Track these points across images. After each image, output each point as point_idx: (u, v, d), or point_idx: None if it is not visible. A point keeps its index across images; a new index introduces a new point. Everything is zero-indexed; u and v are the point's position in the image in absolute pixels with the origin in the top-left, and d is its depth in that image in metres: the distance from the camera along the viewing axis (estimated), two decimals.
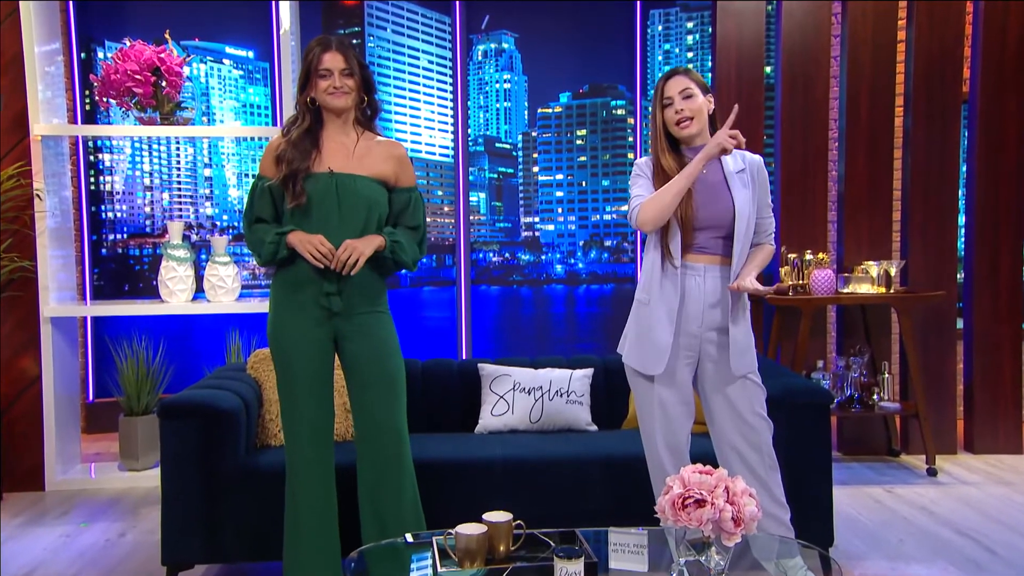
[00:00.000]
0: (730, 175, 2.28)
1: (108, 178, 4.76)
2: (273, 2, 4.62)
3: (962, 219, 4.26)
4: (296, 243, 2.25)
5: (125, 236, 4.78)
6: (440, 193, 5.04)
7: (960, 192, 4.20)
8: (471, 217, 5.00)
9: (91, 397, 4.71)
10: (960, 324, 4.24)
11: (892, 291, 3.87)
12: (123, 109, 3.64)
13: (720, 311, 2.27)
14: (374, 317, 2.36)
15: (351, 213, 2.29)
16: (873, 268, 3.87)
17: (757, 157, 2.36)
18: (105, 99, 3.63)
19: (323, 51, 2.28)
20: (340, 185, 2.28)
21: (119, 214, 4.77)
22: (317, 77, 2.28)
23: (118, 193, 4.77)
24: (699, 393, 2.37)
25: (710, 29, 4.71)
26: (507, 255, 5.11)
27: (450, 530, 1.87)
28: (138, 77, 3.52)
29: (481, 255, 5.06)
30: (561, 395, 3.07)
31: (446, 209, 5.02)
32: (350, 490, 2.45)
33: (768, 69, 4.51)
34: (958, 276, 4.19)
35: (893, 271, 3.88)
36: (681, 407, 2.31)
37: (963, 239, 4.28)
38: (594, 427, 3.10)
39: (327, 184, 2.28)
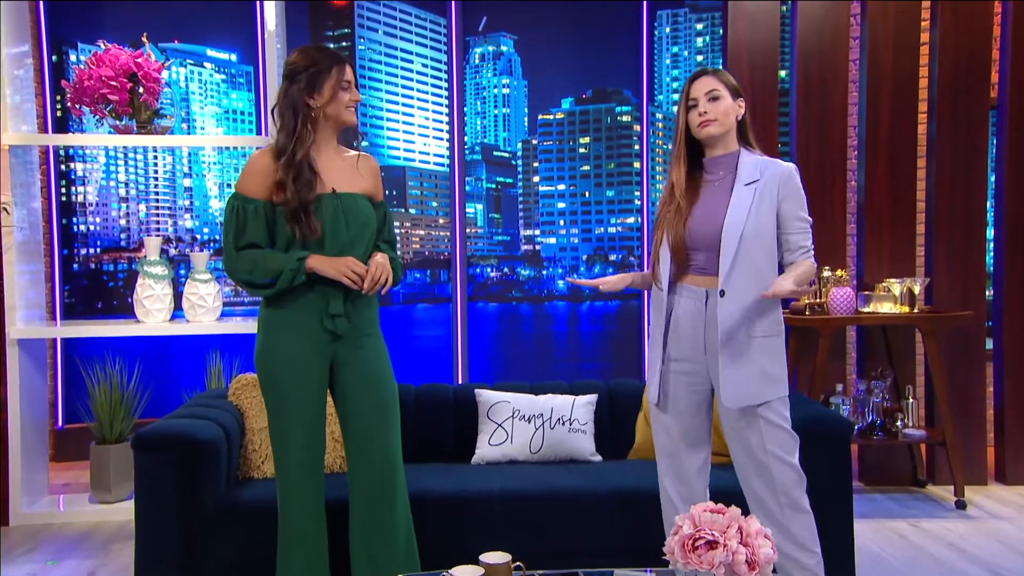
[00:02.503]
0: (738, 187, 2.26)
1: (80, 188, 4.78)
2: (257, 2, 4.66)
3: (990, 233, 4.28)
4: (322, 267, 2.25)
5: (98, 251, 4.79)
6: (435, 204, 5.06)
7: (988, 204, 4.22)
8: (467, 230, 5.02)
9: (60, 423, 4.71)
10: (989, 345, 4.24)
11: (916, 310, 3.88)
12: (97, 117, 3.66)
13: (728, 336, 2.26)
14: (369, 340, 2.39)
15: (357, 233, 2.33)
16: (896, 286, 3.89)
17: (786, 166, 2.30)
18: (78, 106, 3.65)
19: (344, 63, 2.34)
20: (344, 205, 2.32)
21: (92, 227, 4.79)
22: (340, 89, 2.31)
23: (91, 204, 4.79)
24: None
25: (721, 31, 4.74)
26: (506, 270, 5.13)
27: (444, 572, 1.87)
28: (113, 83, 3.54)
29: (478, 270, 5.08)
30: (563, 423, 3.08)
31: (441, 221, 5.03)
32: (338, 524, 2.45)
33: (783, 73, 4.53)
34: (987, 294, 4.20)
35: (917, 289, 3.89)
36: (685, 436, 2.33)
37: (992, 254, 4.29)
38: (598, 457, 3.10)
39: (333, 206, 2.31)
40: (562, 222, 5.12)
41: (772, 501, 2.26)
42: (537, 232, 5.13)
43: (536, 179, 5.11)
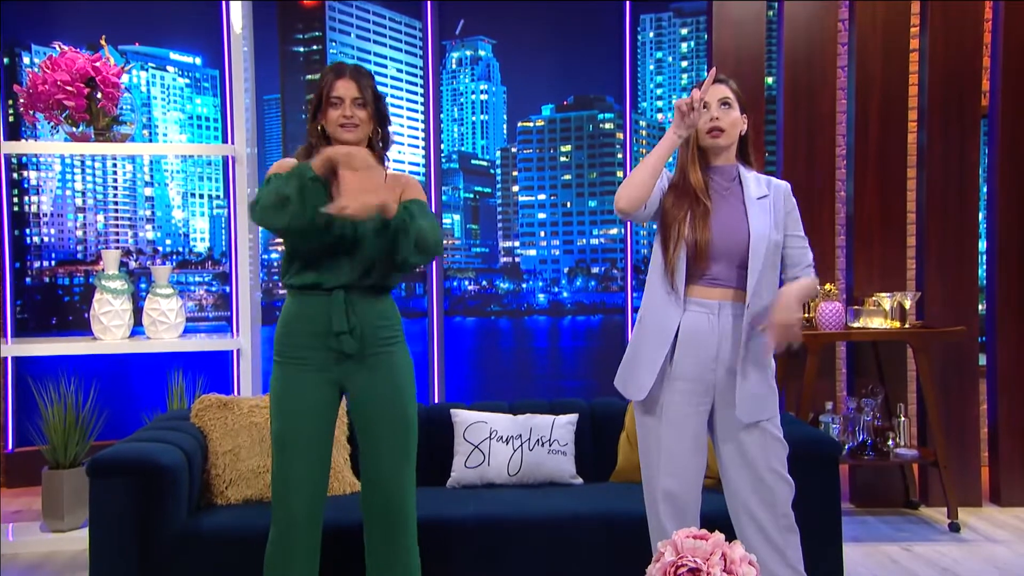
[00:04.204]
0: (750, 200, 2.32)
1: (34, 198, 4.74)
2: (224, 1, 4.65)
3: (983, 245, 4.34)
4: (319, 160, 2.17)
5: (53, 263, 4.75)
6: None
7: (980, 215, 4.29)
8: (444, 241, 5.02)
9: (10, 446, 4.65)
10: (983, 361, 4.30)
11: (907, 326, 3.93)
12: (52, 123, 3.64)
13: (737, 351, 2.29)
14: (387, 358, 2.37)
15: (363, 242, 2.33)
16: (886, 300, 3.93)
17: (784, 184, 2.43)
18: (32, 112, 3.63)
19: (336, 77, 2.35)
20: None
21: (47, 239, 4.75)
22: (328, 105, 2.35)
23: (45, 215, 4.75)
24: (712, 442, 2.39)
25: (706, 36, 4.80)
26: (484, 283, 5.14)
27: None
28: (69, 88, 3.53)
29: (455, 283, 5.09)
30: (542, 444, 3.09)
31: None
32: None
33: (769, 80, 4.59)
34: (980, 308, 4.26)
35: (908, 303, 3.95)
36: (688, 456, 2.31)
37: (984, 267, 4.36)
38: (579, 480, 3.11)
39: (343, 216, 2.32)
40: (543, 233, 5.14)
41: (771, 522, 2.28)
42: (517, 244, 5.16)
43: (515, 189, 5.14)
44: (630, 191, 2.24)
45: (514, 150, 5.12)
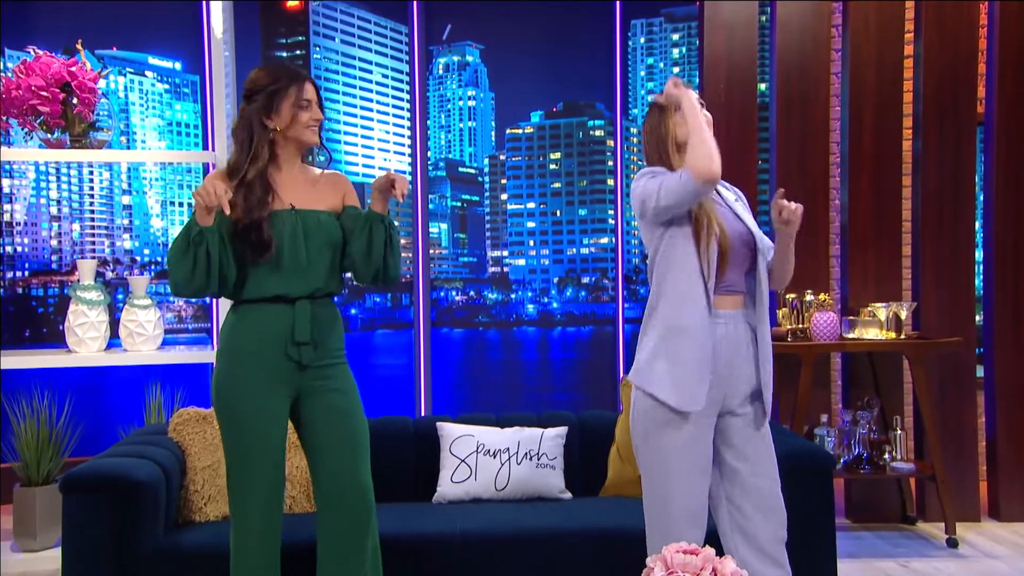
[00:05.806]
0: (732, 204, 2.38)
1: (7, 207, 4.73)
2: (204, 2, 4.66)
3: (980, 254, 4.38)
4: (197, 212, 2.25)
5: (27, 274, 4.74)
6: (396, 224, 5.07)
7: (977, 224, 4.33)
8: (431, 251, 5.04)
9: None
10: (981, 373, 4.33)
11: (903, 336, 3.96)
12: (26, 130, 3.64)
13: (751, 363, 2.31)
14: (337, 370, 2.44)
15: (318, 250, 2.39)
16: (881, 311, 3.97)
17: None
18: (5, 118, 3.63)
19: (304, 80, 2.41)
20: (304, 222, 2.38)
21: (20, 248, 4.73)
22: (298, 108, 2.38)
23: (19, 224, 4.74)
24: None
25: (697, 42, 4.84)
26: (472, 293, 5.15)
27: None
28: (44, 94, 3.52)
29: (442, 294, 5.10)
30: (531, 458, 3.10)
31: (403, 242, 5.05)
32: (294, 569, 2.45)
33: (762, 87, 4.63)
34: (977, 318, 4.30)
35: (904, 314, 3.98)
36: (707, 470, 2.29)
37: (981, 277, 4.39)
38: (568, 495, 3.12)
39: (292, 222, 2.37)
40: (532, 243, 5.16)
41: (768, 535, 2.29)
42: (505, 253, 5.17)
43: (504, 197, 5.16)
44: (715, 158, 2.13)
45: (502, 157, 5.15)
